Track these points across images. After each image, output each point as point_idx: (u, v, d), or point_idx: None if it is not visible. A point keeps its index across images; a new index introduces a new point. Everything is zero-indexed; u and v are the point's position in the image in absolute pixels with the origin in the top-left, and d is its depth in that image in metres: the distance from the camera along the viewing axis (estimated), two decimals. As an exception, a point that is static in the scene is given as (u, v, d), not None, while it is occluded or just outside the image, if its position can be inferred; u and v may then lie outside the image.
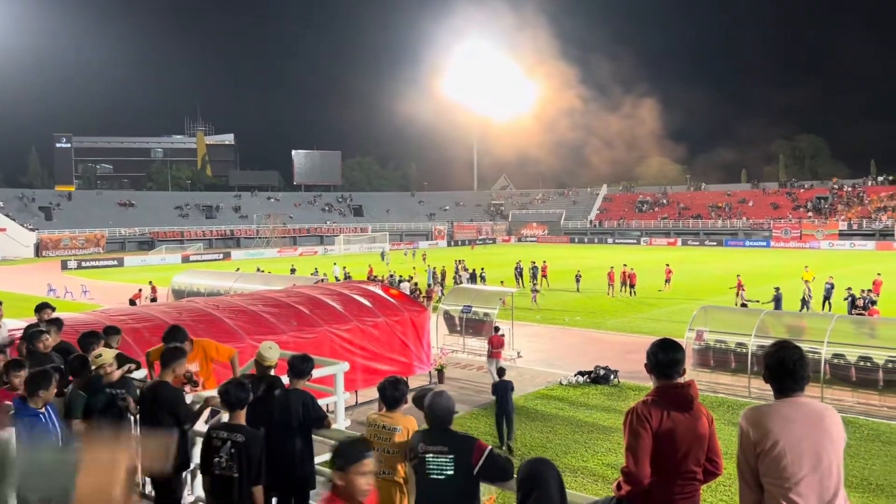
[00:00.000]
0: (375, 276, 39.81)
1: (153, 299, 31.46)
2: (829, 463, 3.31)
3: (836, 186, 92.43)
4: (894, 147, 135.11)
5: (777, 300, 27.07)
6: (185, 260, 70.37)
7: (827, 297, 29.28)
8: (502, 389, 13.28)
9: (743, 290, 30.71)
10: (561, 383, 17.81)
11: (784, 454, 3.28)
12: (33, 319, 9.03)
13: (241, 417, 5.14)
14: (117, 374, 6.34)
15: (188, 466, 6.20)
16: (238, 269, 43.39)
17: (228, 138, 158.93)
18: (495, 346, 17.87)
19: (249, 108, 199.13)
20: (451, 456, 4.26)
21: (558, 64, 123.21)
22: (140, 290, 32.90)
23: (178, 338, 7.26)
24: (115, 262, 67.23)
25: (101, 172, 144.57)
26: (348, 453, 3.34)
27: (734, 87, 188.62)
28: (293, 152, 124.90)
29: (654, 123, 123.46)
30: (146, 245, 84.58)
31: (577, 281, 38.49)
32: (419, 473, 4.44)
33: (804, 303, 28.93)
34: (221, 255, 75.19)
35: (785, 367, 3.45)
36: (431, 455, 4.33)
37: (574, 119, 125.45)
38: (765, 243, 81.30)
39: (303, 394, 5.73)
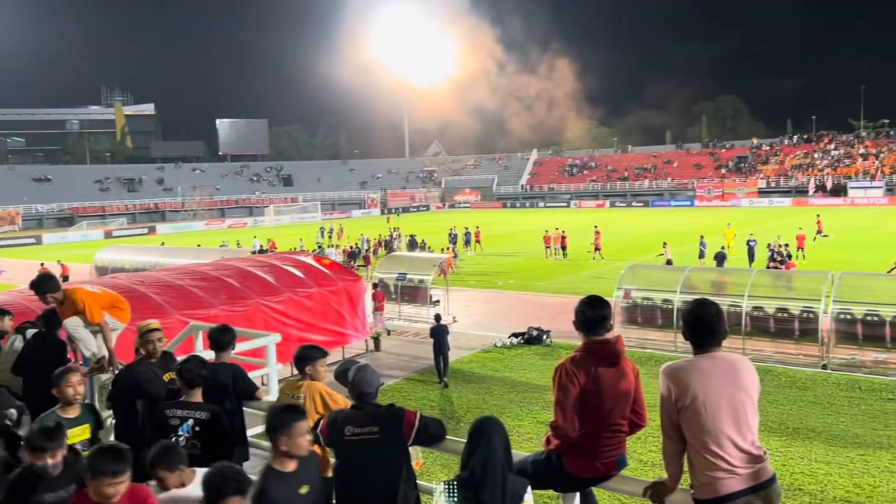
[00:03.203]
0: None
1: (65, 278, 30.30)
2: (745, 413, 3.44)
3: (754, 146, 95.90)
4: (808, 106, 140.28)
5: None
6: (108, 235, 67.85)
7: (751, 253, 30.52)
8: (439, 332, 15.15)
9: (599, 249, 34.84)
10: (495, 345, 18.09)
11: (704, 408, 3.40)
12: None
13: (199, 395, 4.97)
14: None
15: None
16: (163, 243, 42.13)
17: (148, 108, 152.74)
18: (379, 300, 20.33)
19: (170, 77, 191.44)
20: (382, 435, 4.08)
21: (474, 21, 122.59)
22: (42, 265, 31.61)
23: (45, 288, 6.72)
24: (33, 240, 64.21)
25: (12, 146, 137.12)
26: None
27: (651, 47, 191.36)
28: (217, 121, 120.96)
29: (571, 86, 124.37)
30: (65, 221, 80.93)
31: (563, 249, 36.66)
32: (347, 456, 4.17)
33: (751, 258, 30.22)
34: (146, 230, 72.75)
35: (703, 323, 3.55)
36: (360, 437, 4.09)
37: (498, 82, 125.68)
38: (689, 203, 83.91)
39: (231, 366, 5.60)
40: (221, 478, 3.44)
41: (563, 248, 36.37)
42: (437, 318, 16.18)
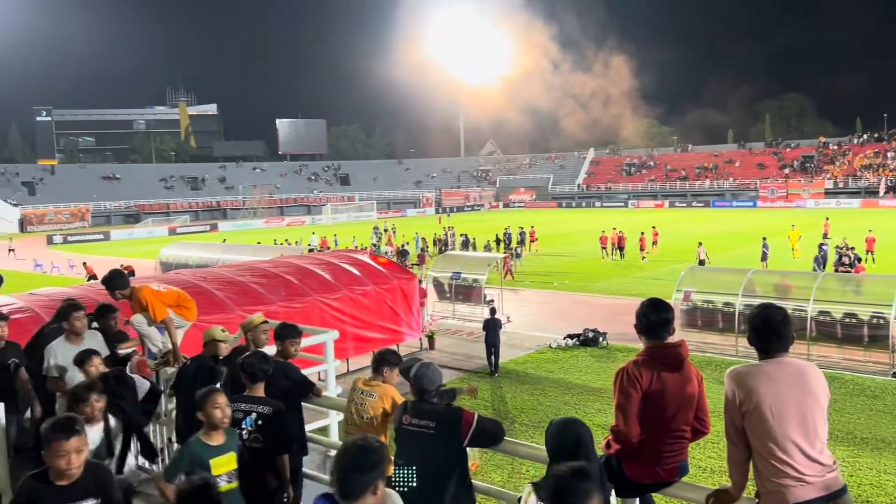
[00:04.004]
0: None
1: (131, 273, 31.42)
2: (813, 420, 3.33)
3: (821, 145, 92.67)
4: (879, 103, 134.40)
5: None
6: (172, 232, 69.88)
7: (823, 257, 29.44)
8: (492, 325, 15.76)
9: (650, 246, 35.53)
10: (550, 346, 17.95)
11: (770, 413, 3.30)
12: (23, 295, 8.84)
13: (261, 390, 5.03)
14: None
15: None
16: (224, 240, 43.18)
17: (211, 108, 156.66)
18: (420, 297, 20.46)
19: (232, 78, 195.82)
20: (438, 431, 4.13)
21: (528, 18, 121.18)
22: (84, 264, 32.83)
23: (114, 284, 6.89)
24: (102, 236, 66.71)
25: (83, 146, 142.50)
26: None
27: (710, 43, 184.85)
28: (277, 121, 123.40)
29: (628, 84, 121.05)
30: (132, 218, 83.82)
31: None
32: (402, 444, 4.30)
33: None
34: (208, 227, 74.63)
35: (770, 327, 3.46)
36: (416, 429, 4.20)
37: (552, 80, 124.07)
38: (751, 203, 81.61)
39: (285, 365, 5.65)
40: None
41: (621, 248, 35.87)
42: (493, 311, 16.85)
